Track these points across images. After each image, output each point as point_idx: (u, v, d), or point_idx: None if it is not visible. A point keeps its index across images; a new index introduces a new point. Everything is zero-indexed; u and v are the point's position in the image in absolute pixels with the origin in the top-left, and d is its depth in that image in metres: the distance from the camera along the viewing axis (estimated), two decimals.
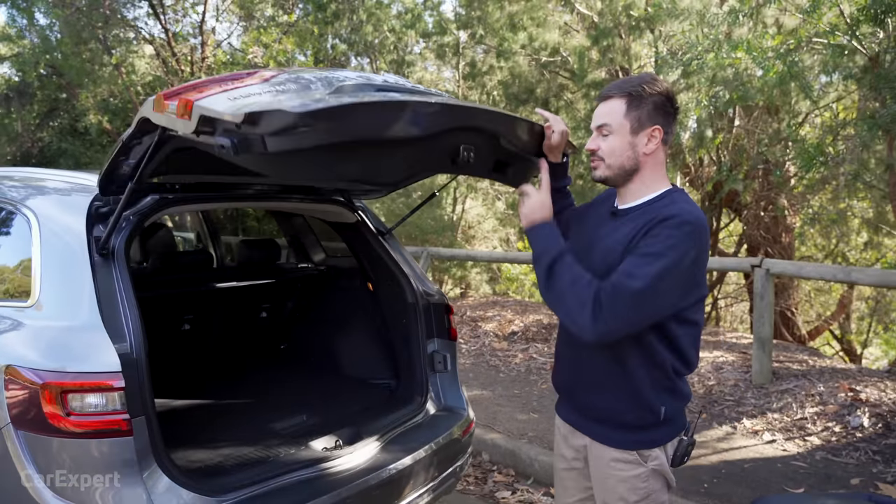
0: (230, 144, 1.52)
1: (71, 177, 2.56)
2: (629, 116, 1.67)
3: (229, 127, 1.52)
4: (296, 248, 3.93)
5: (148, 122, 1.77)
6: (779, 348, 6.27)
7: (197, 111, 1.55)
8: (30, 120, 13.30)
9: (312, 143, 1.54)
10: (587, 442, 1.82)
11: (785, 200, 8.38)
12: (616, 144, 1.69)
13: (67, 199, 2.34)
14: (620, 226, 1.70)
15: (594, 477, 1.82)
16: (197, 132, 1.58)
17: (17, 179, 2.71)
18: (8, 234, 2.45)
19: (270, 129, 1.49)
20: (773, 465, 3.91)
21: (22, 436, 1.85)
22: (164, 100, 1.67)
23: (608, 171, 1.73)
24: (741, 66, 5.84)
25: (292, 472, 2.21)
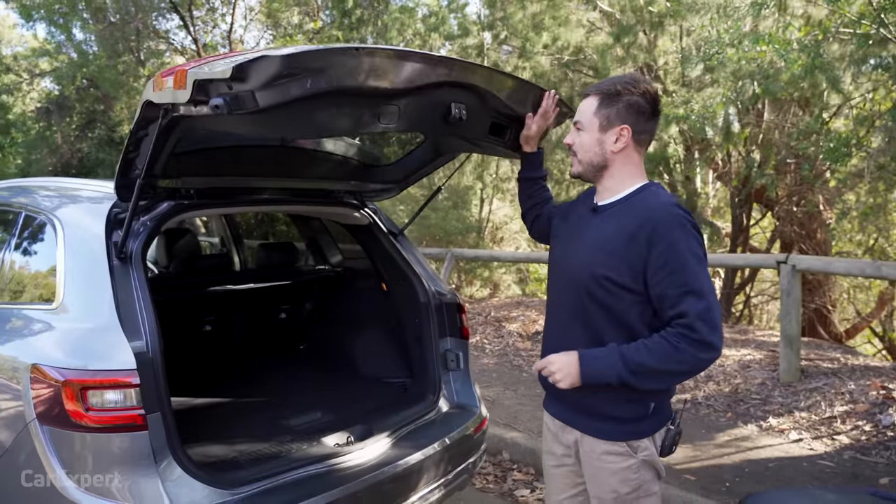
0: (223, 103, 1.60)
1: (100, 186, 2.68)
2: (598, 114, 1.73)
3: (222, 89, 1.61)
4: (313, 250, 4.02)
5: (151, 106, 1.84)
6: (810, 346, 6.13)
7: (190, 77, 1.64)
8: (69, 132, 13.80)
9: (299, 92, 1.61)
10: (578, 437, 1.83)
11: (820, 195, 8.17)
12: (586, 140, 1.76)
13: (91, 206, 2.45)
14: (603, 222, 1.75)
15: (586, 471, 1.83)
16: (193, 101, 1.67)
17: (50, 189, 2.84)
18: (38, 241, 2.58)
19: (259, 81, 1.57)
20: (799, 465, 3.84)
21: (47, 431, 1.95)
22: (161, 78, 1.76)
23: (580, 167, 1.80)
24: (766, 60, 5.73)
25: (304, 466, 2.27)
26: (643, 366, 1.62)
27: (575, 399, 1.81)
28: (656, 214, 1.63)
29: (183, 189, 2.40)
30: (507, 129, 2.19)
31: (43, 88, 14.30)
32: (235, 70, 1.56)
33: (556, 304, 1.86)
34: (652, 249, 1.60)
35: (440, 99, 1.94)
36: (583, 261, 1.72)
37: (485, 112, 2.08)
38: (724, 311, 9.66)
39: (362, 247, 3.29)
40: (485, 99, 2.04)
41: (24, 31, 15.13)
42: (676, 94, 7.35)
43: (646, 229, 1.61)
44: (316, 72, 1.61)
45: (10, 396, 2.17)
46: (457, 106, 1.95)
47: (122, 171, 2.12)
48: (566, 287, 1.80)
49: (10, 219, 2.82)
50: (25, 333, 2.31)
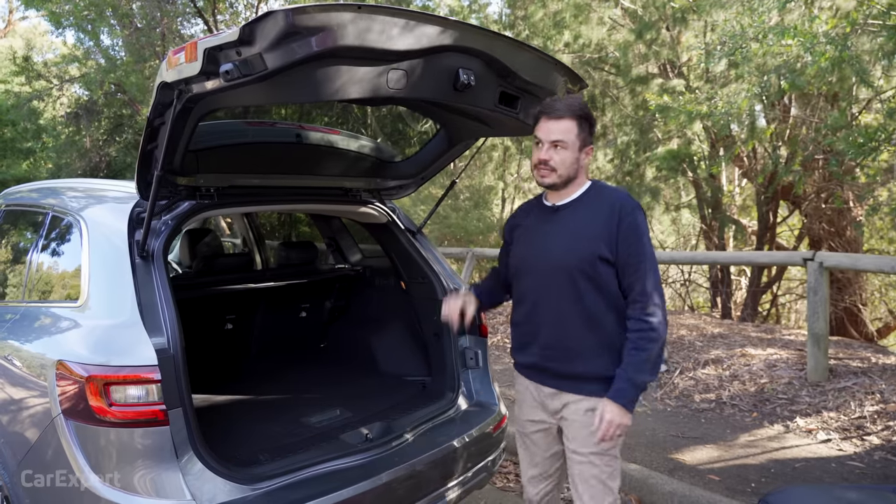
0: (233, 67, 1.64)
1: (124, 186, 2.73)
2: (579, 137, 2.03)
3: (231, 56, 1.65)
4: (334, 249, 4.05)
5: (165, 88, 1.87)
6: (839, 345, 6.00)
7: (201, 47, 1.68)
8: (97, 136, 14.08)
9: (305, 52, 1.63)
10: (568, 400, 2.11)
11: (850, 192, 7.99)
12: (568, 158, 2.03)
13: (115, 206, 2.50)
14: (571, 215, 2.08)
15: (574, 430, 2.10)
16: (205, 73, 1.70)
17: (79, 190, 2.91)
18: (64, 241, 2.64)
19: (266, 41, 1.60)
20: (827, 465, 3.76)
21: (72, 425, 2.00)
22: (173, 56, 1.80)
23: (557, 179, 2.06)
24: (792, 54, 5.62)
25: (324, 463, 2.29)
26: (647, 364, 1.98)
27: (570, 369, 2.09)
28: (620, 201, 2.03)
29: (203, 188, 2.43)
30: (517, 98, 2.18)
31: (72, 94, 14.61)
32: (243, 32, 1.60)
33: (542, 292, 2.11)
34: (621, 227, 1.98)
35: (447, 64, 1.93)
36: (569, 247, 2.03)
37: (493, 80, 2.08)
38: (750, 309, 9.50)
39: (381, 245, 3.30)
40: (491, 65, 2.04)
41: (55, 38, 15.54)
42: (700, 91, 7.25)
43: (616, 212, 2.00)
44: (319, 30, 1.63)
45: (37, 392, 2.23)
46: (464, 72, 1.95)
47: (142, 166, 2.16)
48: (553, 274, 2.06)
49: (39, 220, 2.90)
50: (52, 331, 2.36)
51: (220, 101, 1.93)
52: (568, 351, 2.07)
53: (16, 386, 2.38)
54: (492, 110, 2.18)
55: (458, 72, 1.95)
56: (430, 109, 2.60)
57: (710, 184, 9.01)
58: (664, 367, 5.67)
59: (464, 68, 1.96)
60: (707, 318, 8.25)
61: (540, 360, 2.15)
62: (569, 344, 2.07)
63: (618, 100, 9.64)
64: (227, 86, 1.72)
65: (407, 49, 1.79)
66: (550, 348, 2.11)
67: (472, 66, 1.98)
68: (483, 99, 2.11)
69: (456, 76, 1.95)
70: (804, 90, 6.13)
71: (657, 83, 8.59)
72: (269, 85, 1.73)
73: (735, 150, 7.20)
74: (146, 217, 2.13)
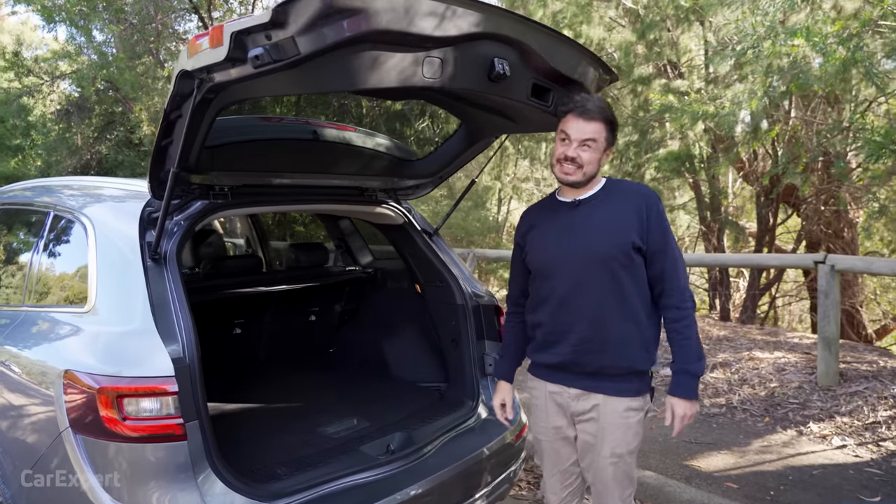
0: (263, 51, 1.54)
1: (127, 184, 2.61)
2: (606, 139, 2.06)
3: (260, 40, 1.54)
4: (343, 251, 3.93)
5: (185, 78, 1.75)
6: (845, 348, 5.96)
7: (227, 31, 1.57)
8: (88, 133, 13.85)
9: (339, 36, 1.53)
10: (599, 401, 2.08)
11: (846, 194, 7.97)
12: (594, 158, 2.05)
13: (122, 205, 2.38)
14: (594, 209, 2.07)
15: (608, 432, 2.07)
16: (231, 59, 1.58)
17: (75, 188, 2.78)
18: (66, 241, 2.51)
19: (299, 25, 1.49)
20: (845, 472, 3.69)
21: (80, 440, 1.87)
22: (195, 41, 1.68)
23: (582, 177, 2.05)
24: (799, 54, 5.57)
25: (344, 477, 2.18)
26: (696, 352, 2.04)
27: (602, 365, 2.06)
28: (645, 192, 2.08)
29: (217, 187, 2.31)
30: (549, 91, 2.09)
31: (63, 91, 14.37)
32: (276, 13, 1.48)
33: (575, 288, 2.06)
34: (651, 215, 2.02)
35: (483, 53, 1.84)
36: (603, 238, 2.02)
37: (527, 70, 1.99)
38: (749, 311, 9.48)
39: (395, 247, 3.19)
40: (527, 56, 1.95)
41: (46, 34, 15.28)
42: (704, 91, 7.19)
43: (643, 201, 2.04)
44: (356, 11, 1.52)
45: (40, 403, 2.10)
46: (500, 61, 1.86)
47: (155, 163, 2.04)
48: (587, 267, 2.03)
49: (38, 219, 2.76)
50: (56, 337, 2.23)
51: (244, 90, 1.81)
52: (605, 343, 2.04)
53: (16, 396, 2.25)
54: (524, 103, 2.08)
55: (494, 61, 1.85)
56: (452, 104, 2.49)
57: (712, 186, 8.97)
58: (669, 370, 5.59)
59: (499, 58, 1.86)
60: (709, 321, 8.21)
61: (571, 358, 2.09)
62: (607, 335, 2.04)
63: (618, 100, 9.58)
64: (254, 73, 1.60)
65: (443, 35, 1.68)
66: (587, 341, 2.05)
67: (507, 55, 1.88)
68: (516, 90, 2.01)
69: (491, 66, 1.85)
70: (812, 91, 6.07)
71: (659, 83, 8.53)
72: (299, 72, 1.62)
73: (740, 151, 7.15)
74: (160, 217, 2.01)
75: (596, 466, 2.12)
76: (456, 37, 1.72)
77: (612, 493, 2.12)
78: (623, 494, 2.13)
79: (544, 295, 2.13)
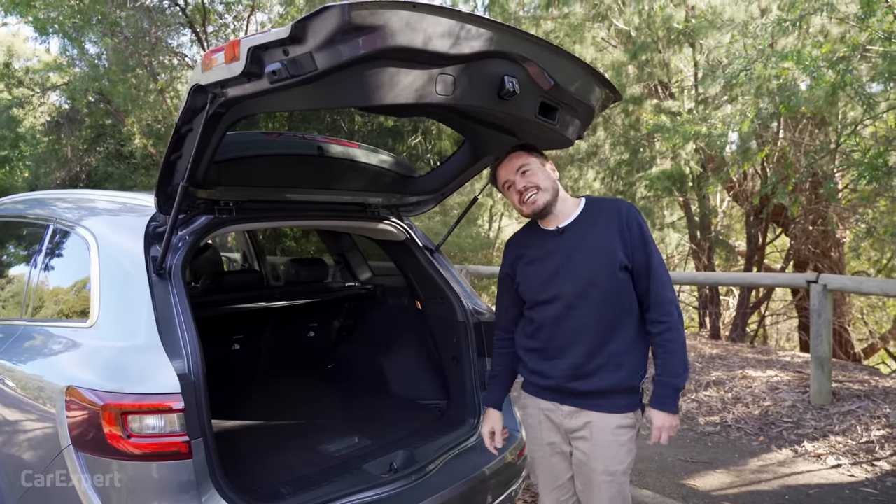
0: (281, 67, 1.54)
1: (125, 197, 2.59)
2: (534, 156, 2.14)
3: (277, 56, 1.54)
4: (342, 267, 3.91)
5: (198, 92, 1.74)
6: (836, 367, 5.99)
7: (245, 46, 1.57)
8: (78, 145, 13.75)
9: (356, 52, 1.53)
10: (591, 418, 2.08)
11: (834, 214, 8.08)
12: (540, 174, 2.11)
13: (124, 219, 2.36)
14: (581, 233, 2.09)
15: (597, 448, 2.08)
16: (247, 74, 1.58)
17: (69, 201, 2.75)
18: (67, 255, 2.48)
19: (318, 40, 1.50)
20: (841, 492, 3.70)
21: (82, 457, 1.84)
22: (210, 56, 1.67)
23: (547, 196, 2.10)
24: (789, 77, 5.67)
25: (348, 496, 2.15)
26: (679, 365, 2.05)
27: (597, 383, 2.06)
28: (621, 207, 2.09)
29: (222, 202, 2.30)
30: (556, 109, 2.11)
31: (52, 104, 14.26)
32: (295, 29, 1.49)
33: (568, 313, 2.07)
34: (631, 230, 2.05)
35: (493, 70, 1.86)
36: (593, 263, 2.04)
37: (535, 89, 2.01)
38: (739, 330, 9.53)
39: (396, 263, 3.18)
40: (536, 75, 1.97)
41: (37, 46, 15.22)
42: (696, 112, 7.29)
43: (623, 219, 2.06)
44: (375, 28, 1.53)
45: (39, 419, 2.06)
46: (510, 79, 1.87)
47: (164, 178, 2.02)
48: (577, 293, 2.05)
49: (37, 232, 2.73)
50: (56, 352, 2.20)
51: (256, 105, 1.81)
52: (598, 365, 2.05)
53: (13, 411, 2.20)
54: (532, 121, 2.10)
55: (504, 79, 1.87)
56: (458, 121, 2.50)
57: (703, 205, 9.06)
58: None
59: (509, 76, 1.87)
60: (701, 339, 8.25)
61: (564, 382, 2.10)
62: (600, 357, 2.05)
63: (609, 119, 9.68)
64: (269, 88, 1.60)
65: (457, 53, 1.70)
66: (580, 366, 2.06)
67: (517, 73, 1.90)
68: (525, 108, 2.02)
69: (501, 83, 1.87)
70: (801, 112, 6.18)
71: (650, 104, 8.64)
72: (315, 87, 1.62)
73: (731, 171, 7.23)
74: (167, 232, 1.99)
75: (590, 485, 2.12)
76: (469, 55, 1.73)
77: None
78: None
79: (538, 321, 2.14)
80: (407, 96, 1.69)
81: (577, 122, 2.28)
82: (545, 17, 9.33)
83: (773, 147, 7.88)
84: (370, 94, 1.65)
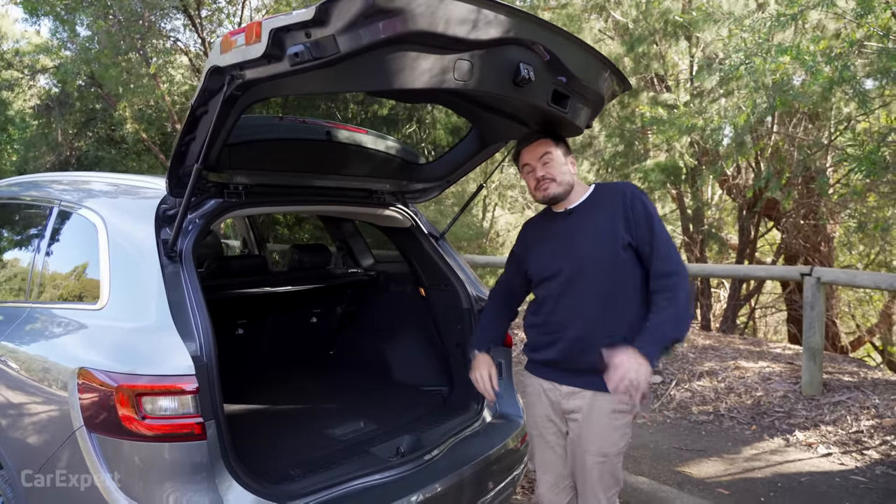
0: (304, 49, 1.53)
1: (131, 180, 2.58)
2: (559, 148, 2.21)
3: (299, 38, 1.54)
4: (345, 253, 3.92)
5: (216, 74, 1.73)
6: (826, 359, 6.09)
7: (266, 28, 1.56)
8: (69, 129, 13.58)
9: (378, 35, 1.54)
10: (588, 399, 2.12)
11: (825, 209, 8.17)
12: (559, 166, 2.18)
13: (136, 202, 2.35)
14: (587, 215, 2.16)
15: (593, 431, 2.13)
16: (267, 56, 1.58)
17: (79, 183, 2.73)
18: (74, 237, 2.47)
19: (342, 23, 1.50)
20: (832, 480, 3.78)
21: (95, 438, 1.85)
22: (229, 37, 1.67)
23: (559, 188, 2.17)
24: (787, 71, 5.71)
25: (357, 479, 2.17)
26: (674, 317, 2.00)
27: (597, 361, 2.02)
28: (625, 189, 2.15)
29: (231, 186, 2.30)
30: (567, 98, 2.13)
31: (42, 87, 14.06)
32: (319, 11, 1.49)
33: (571, 289, 2.14)
34: (634, 209, 2.09)
35: (510, 57, 1.87)
36: (596, 241, 2.10)
37: (548, 76, 2.02)
38: (730, 322, 9.63)
39: (401, 250, 3.19)
40: (550, 62, 1.98)
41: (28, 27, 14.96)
42: (692, 105, 7.33)
43: (626, 200, 2.11)
44: (398, 11, 1.53)
45: (50, 401, 2.06)
46: (525, 67, 1.88)
47: (177, 160, 2.02)
48: (583, 270, 2.11)
49: (41, 214, 2.71)
50: (65, 335, 2.19)
51: (273, 89, 1.80)
52: (598, 342, 2.06)
53: (22, 394, 2.20)
54: (544, 108, 2.11)
55: (520, 66, 1.88)
56: (467, 107, 2.51)
57: (696, 197, 9.12)
58: (659, 378, 5.67)
59: (524, 62, 1.88)
60: (694, 330, 8.33)
61: (565, 355, 2.15)
62: (600, 334, 2.08)
63: (606, 110, 9.70)
64: (289, 71, 1.60)
65: (476, 38, 1.71)
66: (580, 340, 2.11)
67: (532, 60, 1.91)
68: (538, 96, 2.03)
69: (517, 70, 1.88)
70: (797, 107, 6.22)
71: (647, 96, 8.67)
72: (335, 71, 1.62)
73: (728, 164, 7.29)
74: (179, 215, 1.99)
75: (582, 465, 2.17)
76: (487, 41, 1.74)
77: (597, 492, 2.17)
78: (608, 494, 2.19)
79: (541, 297, 2.23)
80: (425, 81, 1.70)
81: (588, 111, 2.30)
82: (543, 6, 9.31)
83: (766, 141, 7.94)
84: (389, 78, 1.66)
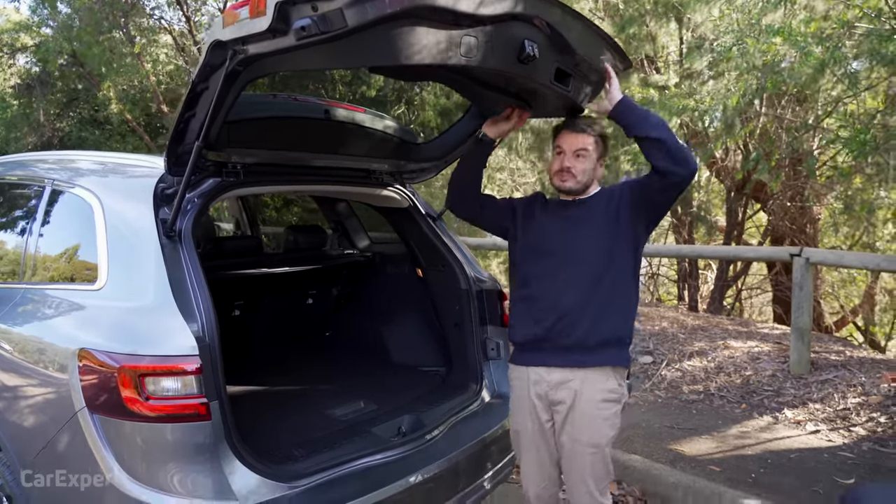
0: (311, 23, 1.51)
1: (120, 158, 2.56)
2: (597, 150, 2.24)
3: (305, 11, 1.51)
4: (340, 234, 3.90)
5: (218, 48, 1.70)
6: (812, 338, 6.19)
7: (272, 0, 1.52)
8: (51, 110, 13.31)
9: (386, 9, 1.51)
10: (577, 387, 2.13)
11: (812, 191, 8.26)
12: (588, 167, 2.21)
13: (134, 181, 2.32)
14: (595, 205, 2.22)
15: (582, 421, 2.13)
16: (272, 30, 1.55)
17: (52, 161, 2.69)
18: (69, 216, 2.42)
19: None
20: (820, 456, 3.85)
21: (97, 419, 1.83)
22: (233, 10, 1.63)
23: (576, 185, 2.22)
24: (778, 53, 5.72)
25: (360, 458, 2.18)
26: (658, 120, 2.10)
27: (586, 336, 2.12)
28: (624, 181, 2.25)
29: (230, 165, 2.27)
30: (570, 76, 2.12)
31: (22, 66, 13.73)
32: None
33: (567, 265, 2.18)
34: (621, 190, 2.19)
35: (515, 34, 1.85)
36: (598, 232, 2.16)
37: (552, 54, 2.01)
38: (717, 303, 9.75)
39: (398, 231, 3.18)
40: (553, 39, 1.97)
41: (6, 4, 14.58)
42: (683, 86, 7.33)
43: (616, 189, 2.22)
44: None
45: (49, 383, 2.04)
46: (530, 43, 1.88)
47: (176, 138, 1.99)
48: (581, 255, 2.16)
49: (33, 193, 2.66)
50: (63, 315, 2.17)
51: (276, 64, 1.77)
52: (584, 318, 2.12)
53: (19, 376, 2.18)
54: (546, 86, 2.09)
55: (524, 43, 1.86)
56: (468, 85, 2.48)
57: None
58: (650, 358, 5.73)
59: (529, 39, 1.87)
60: (682, 311, 8.42)
61: (551, 331, 2.15)
62: (588, 313, 2.12)
63: None
64: (294, 45, 1.57)
65: (483, 14, 1.69)
66: (568, 315, 2.13)
67: (536, 37, 1.89)
68: (541, 73, 2.02)
69: (522, 47, 1.86)
70: (781, 90, 6.24)
71: (637, 77, 8.65)
72: (341, 45, 1.58)
73: (717, 146, 7.32)
74: (179, 193, 1.96)
75: (573, 455, 2.16)
76: (493, 16, 1.72)
77: (588, 484, 2.16)
78: (600, 486, 2.18)
79: (536, 271, 2.24)
80: (432, 57, 1.68)
81: (589, 90, 2.29)
82: None
83: (755, 124, 7.98)
84: (395, 53, 1.63)
